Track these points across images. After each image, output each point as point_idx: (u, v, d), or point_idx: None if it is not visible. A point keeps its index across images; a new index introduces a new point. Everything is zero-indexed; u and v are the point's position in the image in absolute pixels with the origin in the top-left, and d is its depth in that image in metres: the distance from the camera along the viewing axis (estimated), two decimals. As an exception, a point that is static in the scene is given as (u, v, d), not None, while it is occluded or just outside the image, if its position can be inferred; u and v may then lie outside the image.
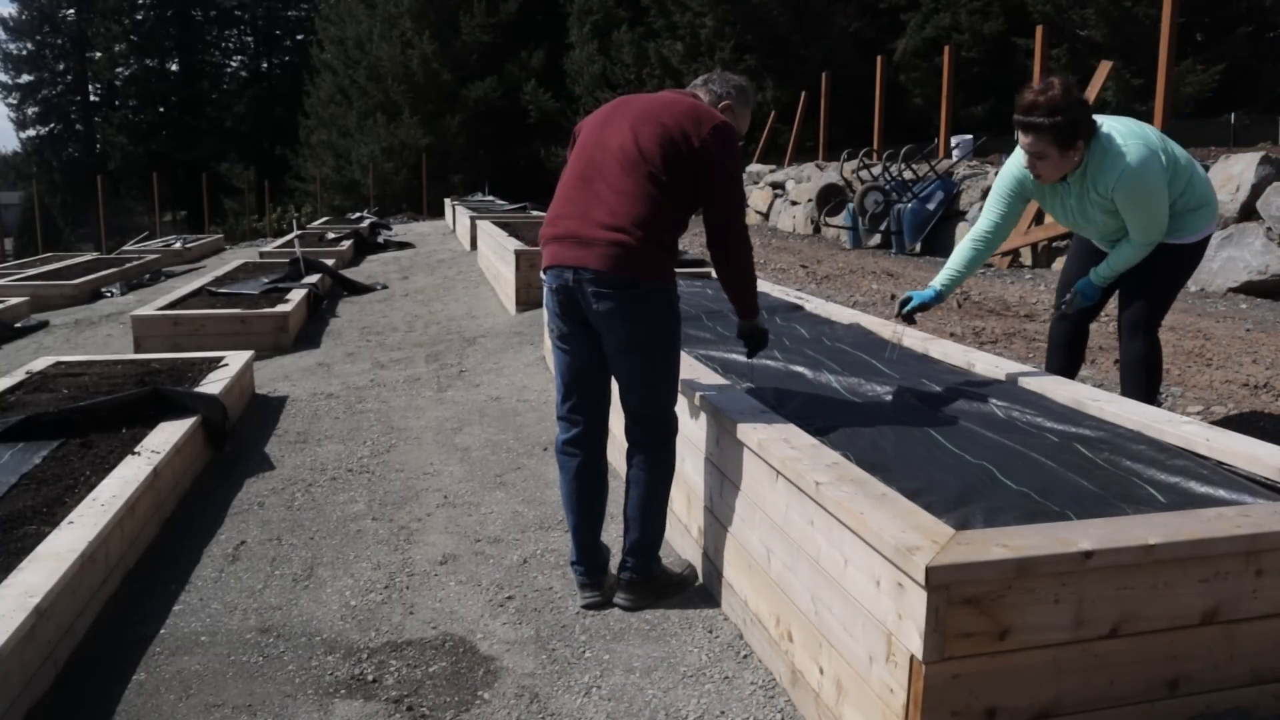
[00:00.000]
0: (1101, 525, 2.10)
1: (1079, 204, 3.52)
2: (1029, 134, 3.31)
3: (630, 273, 2.76)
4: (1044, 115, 3.24)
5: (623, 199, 2.76)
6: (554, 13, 31.64)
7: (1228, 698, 2.14)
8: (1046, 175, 3.41)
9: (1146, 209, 3.40)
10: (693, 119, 2.80)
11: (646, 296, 2.80)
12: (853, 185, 12.57)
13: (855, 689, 2.17)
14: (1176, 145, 3.60)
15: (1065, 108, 3.23)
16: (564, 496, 3.10)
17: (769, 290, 5.71)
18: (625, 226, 2.74)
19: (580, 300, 2.81)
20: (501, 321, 7.89)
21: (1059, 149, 3.30)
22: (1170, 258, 3.56)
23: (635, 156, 2.77)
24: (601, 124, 2.94)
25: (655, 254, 2.78)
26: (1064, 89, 3.25)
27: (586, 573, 3.10)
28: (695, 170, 2.79)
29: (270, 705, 2.59)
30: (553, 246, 2.88)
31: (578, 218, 2.82)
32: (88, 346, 8.12)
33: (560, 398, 3.03)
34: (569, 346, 2.95)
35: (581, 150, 2.93)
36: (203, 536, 3.74)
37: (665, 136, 2.77)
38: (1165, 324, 6.30)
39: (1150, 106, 9.39)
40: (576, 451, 3.03)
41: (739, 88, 3.09)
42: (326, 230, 16.73)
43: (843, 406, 3.13)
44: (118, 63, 48.01)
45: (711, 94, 3.05)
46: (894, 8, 24.65)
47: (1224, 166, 7.97)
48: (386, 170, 32.45)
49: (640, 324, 2.83)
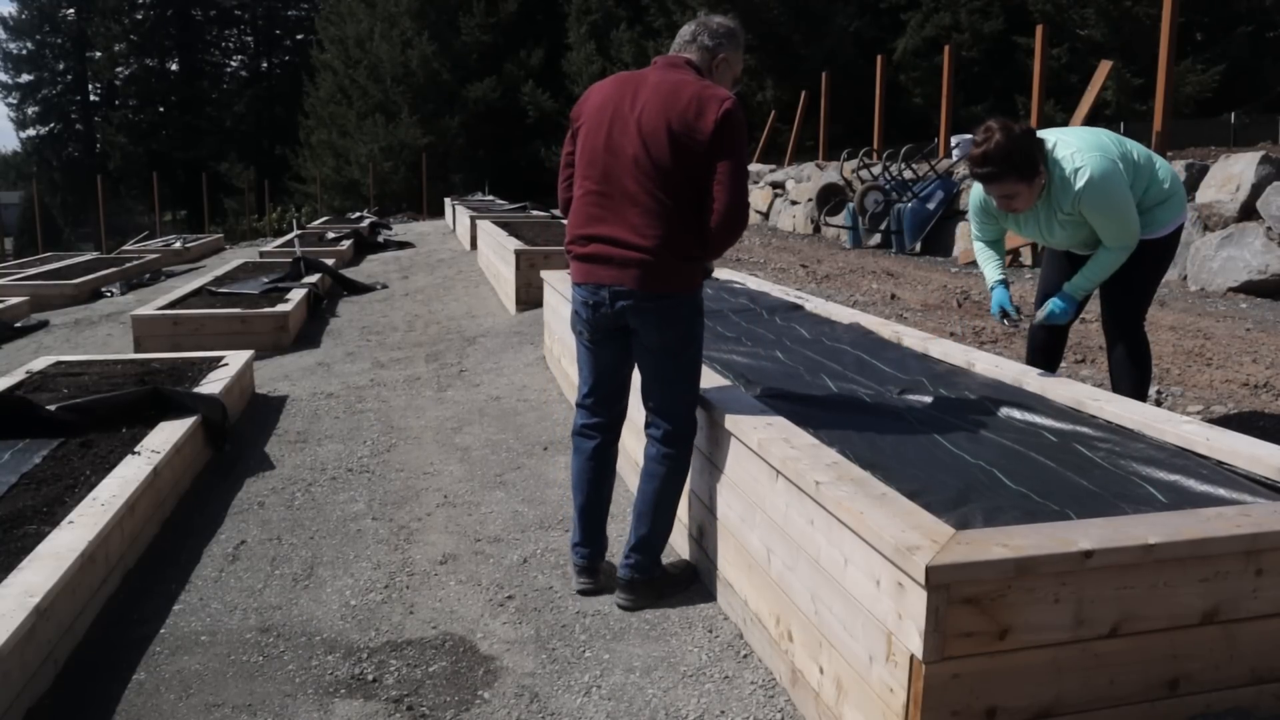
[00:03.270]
0: (1101, 525, 2.10)
1: (1046, 223, 3.56)
2: (992, 184, 3.39)
3: (663, 288, 2.88)
4: (999, 163, 3.30)
5: (648, 218, 2.83)
6: (553, 13, 31.66)
7: (1228, 697, 2.14)
8: (1022, 206, 3.46)
9: (1114, 216, 3.42)
10: (698, 109, 2.79)
11: (678, 306, 2.92)
12: (853, 185, 12.57)
13: (855, 689, 2.17)
14: (1133, 143, 3.64)
15: (1013, 146, 3.28)
16: (576, 477, 3.16)
17: (769, 290, 5.71)
18: (654, 247, 2.83)
19: (612, 313, 2.93)
20: (502, 321, 7.89)
21: (1025, 183, 3.36)
22: (1146, 253, 3.60)
23: (651, 170, 2.81)
24: (608, 121, 2.91)
25: (684, 268, 2.90)
26: (1003, 129, 3.29)
27: (588, 556, 3.15)
28: (705, 157, 2.81)
29: (270, 705, 2.59)
30: (585, 266, 2.96)
31: (606, 239, 2.89)
32: (88, 346, 8.12)
33: (585, 389, 3.14)
34: (597, 349, 3.06)
35: (592, 154, 2.93)
36: (203, 536, 3.74)
37: (675, 143, 2.80)
38: (1165, 324, 6.32)
39: (1150, 106, 9.40)
40: (594, 434, 3.14)
41: (728, 33, 3.04)
42: (326, 230, 16.73)
43: (842, 406, 3.13)
44: (118, 62, 48.03)
45: (704, 51, 3.00)
46: (894, 7, 24.67)
47: (1224, 166, 7.97)
48: (386, 170, 32.46)
49: (672, 331, 2.94)
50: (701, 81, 2.88)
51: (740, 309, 4.96)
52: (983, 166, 3.33)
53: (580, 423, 3.16)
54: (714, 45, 3.00)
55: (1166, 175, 3.61)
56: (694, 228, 2.85)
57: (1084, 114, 10.69)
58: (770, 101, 23.66)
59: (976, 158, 3.33)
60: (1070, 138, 3.48)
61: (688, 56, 2.98)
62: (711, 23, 3.04)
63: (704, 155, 2.79)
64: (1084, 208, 3.40)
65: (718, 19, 3.07)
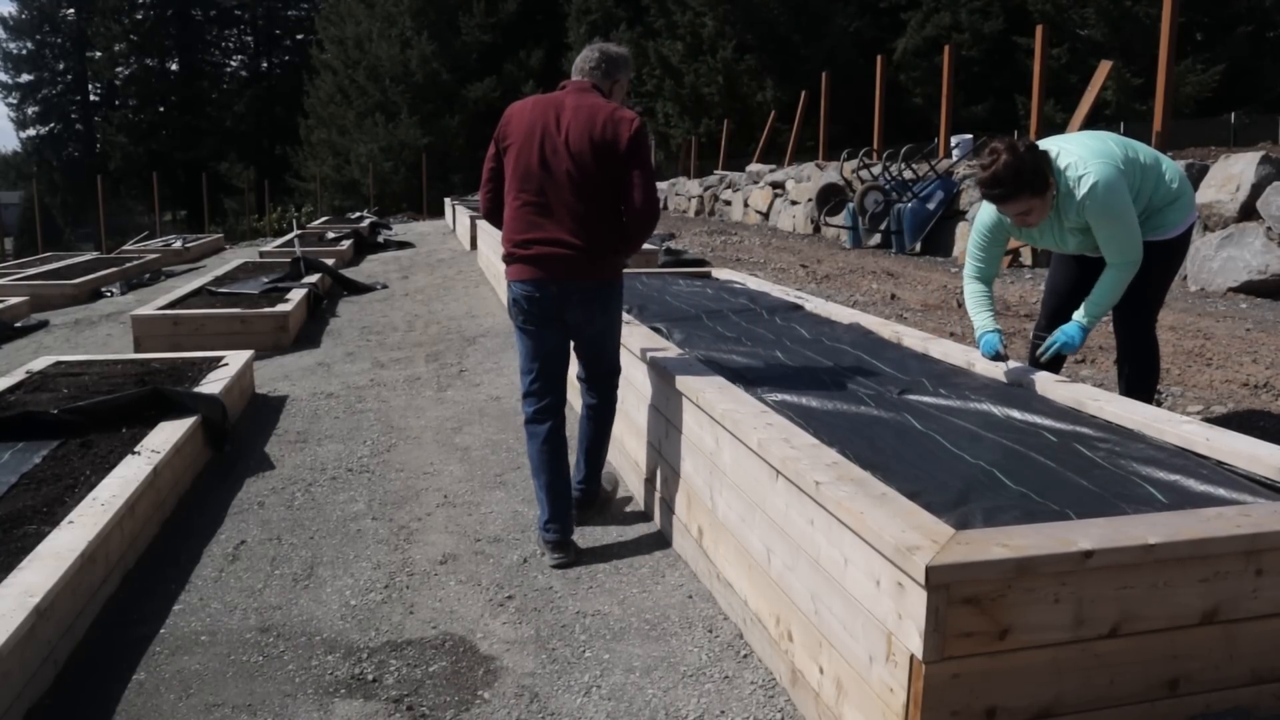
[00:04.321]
0: (1101, 525, 2.10)
1: (1059, 234, 3.56)
2: (1006, 204, 3.39)
3: (599, 276, 3.42)
4: (1009, 184, 3.30)
5: (582, 221, 3.35)
6: (553, 13, 31.67)
7: (1228, 697, 2.14)
8: (1037, 220, 3.46)
9: (1116, 225, 3.41)
10: (613, 129, 3.31)
11: (611, 290, 3.48)
12: (853, 185, 12.57)
13: (855, 689, 2.17)
14: (1140, 145, 3.63)
15: (1020, 164, 3.28)
16: (536, 461, 3.51)
17: (769, 290, 5.71)
18: (589, 245, 3.36)
19: (555, 303, 3.41)
20: (501, 321, 7.89)
21: (1038, 198, 3.36)
22: (1157, 254, 3.57)
23: (581, 181, 3.33)
24: (537, 142, 3.36)
25: (615, 260, 3.47)
26: (1008, 148, 3.30)
27: (560, 531, 3.44)
28: (622, 168, 3.33)
29: (270, 705, 2.59)
30: (529, 265, 3.41)
31: (547, 241, 3.37)
32: (88, 346, 8.11)
33: (530, 378, 3.55)
34: (538, 335, 3.50)
35: (526, 170, 3.38)
36: (203, 536, 3.74)
37: (600, 158, 3.31)
38: (1165, 324, 6.32)
39: (1150, 106, 9.40)
40: (545, 418, 3.52)
41: (624, 61, 3.59)
42: (326, 230, 16.73)
43: (842, 406, 3.13)
44: (118, 62, 48.04)
45: (606, 77, 3.51)
46: (894, 7, 24.67)
47: (1224, 166, 7.97)
48: (386, 170, 32.47)
49: (608, 311, 3.51)
50: (609, 104, 3.41)
51: (740, 309, 4.96)
52: (994, 188, 3.34)
53: (530, 410, 3.55)
54: (614, 71, 3.53)
55: (1174, 175, 3.59)
56: (617, 226, 3.40)
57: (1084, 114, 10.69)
58: (770, 102, 23.67)
59: (986, 180, 3.34)
60: (1073, 146, 3.47)
61: (593, 81, 3.49)
62: (610, 51, 3.57)
63: (621, 166, 3.32)
64: (1087, 216, 3.40)
65: (614, 49, 3.60)
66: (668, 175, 24.58)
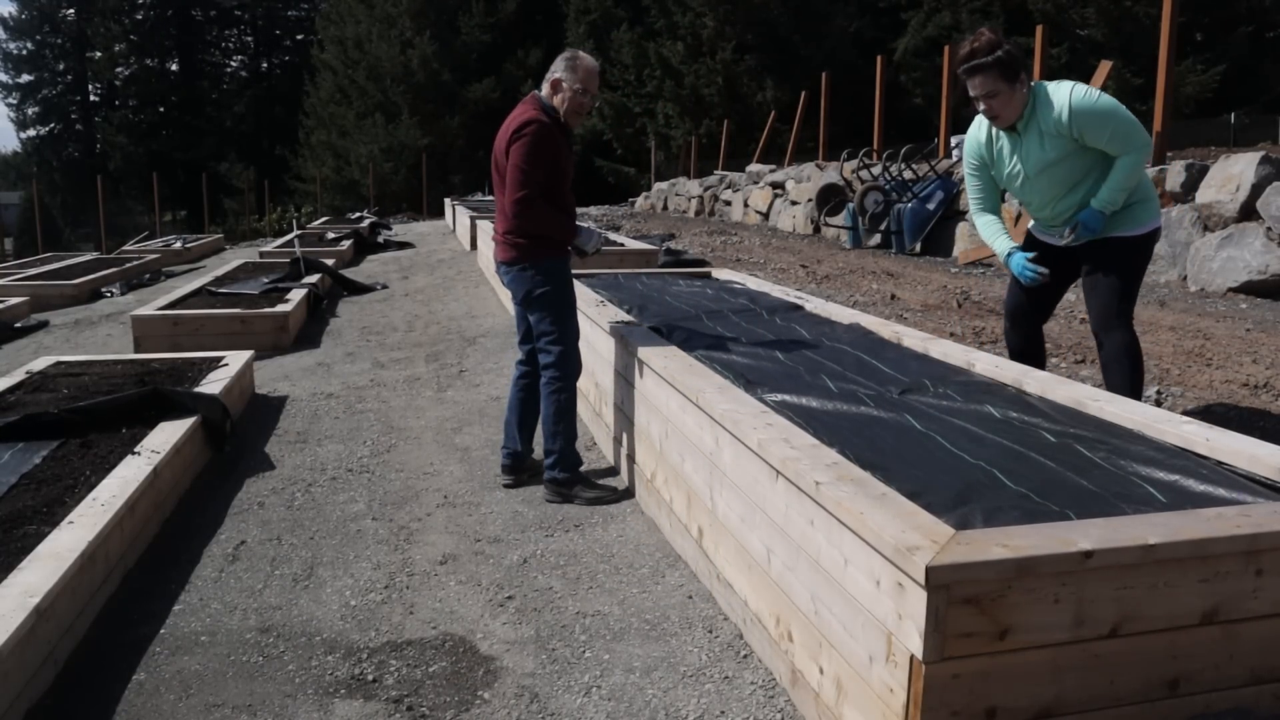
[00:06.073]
0: (1101, 525, 2.10)
1: (1039, 150, 3.62)
2: (976, 76, 3.54)
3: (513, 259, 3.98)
4: (985, 54, 3.50)
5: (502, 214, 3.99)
6: (553, 13, 31.67)
7: (1228, 697, 2.14)
8: (1004, 115, 3.58)
9: (1113, 118, 3.52)
10: (511, 134, 3.83)
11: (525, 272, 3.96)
12: (853, 185, 12.57)
13: (855, 689, 2.17)
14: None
15: (1000, 42, 3.50)
16: (511, 400, 4.23)
17: (769, 290, 5.71)
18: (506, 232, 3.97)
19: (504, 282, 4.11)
20: (501, 321, 7.90)
21: (1007, 82, 3.51)
22: (1123, 250, 3.69)
23: (500, 182, 3.95)
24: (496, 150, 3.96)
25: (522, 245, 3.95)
26: (993, 31, 3.54)
27: (511, 455, 4.20)
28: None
29: (270, 705, 2.59)
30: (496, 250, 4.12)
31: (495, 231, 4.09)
32: (88, 346, 8.11)
33: (518, 338, 4.28)
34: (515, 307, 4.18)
35: (492, 174, 4.07)
36: (203, 536, 3.74)
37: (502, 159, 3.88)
38: (1165, 324, 6.32)
39: (1150, 106, 9.39)
40: (521, 367, 4.22)
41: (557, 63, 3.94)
42: (326, 230, 16.72)
43: (842, 406, 3.13)
44: (118, 63, 48.04)
45: (545, 83, 3.93)
46: (894, 7, 24.66)
47: (1224, 167, 7.97)
48: (386, 170, 32.47)
49: (524, 289, 3.99)
50: (527, 112, 3.85)
51: (740, 309, 4.96)
52: (972, 59, 3.51)
53: (517, 360, 4.28)
54: (551, 73, 3.92)
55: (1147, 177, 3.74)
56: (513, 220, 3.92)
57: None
58: (770, 102, 23.67)
59: (966, 53, 3.53)
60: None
61: (539, 89, 3.96)
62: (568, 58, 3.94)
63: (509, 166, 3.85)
64: (1078, 119, 3.49)
65: (568, 52, 3.99)
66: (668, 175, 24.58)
